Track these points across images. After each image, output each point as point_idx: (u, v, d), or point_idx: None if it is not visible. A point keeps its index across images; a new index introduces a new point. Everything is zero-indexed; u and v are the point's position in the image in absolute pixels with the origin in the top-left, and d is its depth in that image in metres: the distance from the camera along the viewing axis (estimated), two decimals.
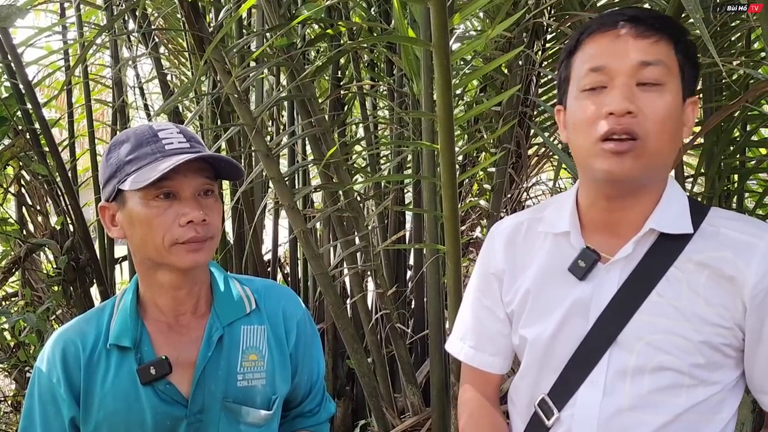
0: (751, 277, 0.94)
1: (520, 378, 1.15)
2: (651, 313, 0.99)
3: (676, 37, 0.96)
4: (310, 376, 1.27)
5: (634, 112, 0.92)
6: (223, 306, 1.16)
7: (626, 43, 0.94)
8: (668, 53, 0.94)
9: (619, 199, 1.02)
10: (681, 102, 0.96)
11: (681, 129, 0.97)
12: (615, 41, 0.96)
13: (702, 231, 1.00)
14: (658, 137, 0.93)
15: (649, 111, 0.92)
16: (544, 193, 3.44)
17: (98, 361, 1.10)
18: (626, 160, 0.93)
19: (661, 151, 0.94)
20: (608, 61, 0.95)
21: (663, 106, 0.93)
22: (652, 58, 0.93)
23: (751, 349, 0.97)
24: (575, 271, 1.05)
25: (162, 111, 2.93)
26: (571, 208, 1.09)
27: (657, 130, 0.92)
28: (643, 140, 0.92)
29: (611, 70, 0.95)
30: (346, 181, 2.45)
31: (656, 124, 0.92)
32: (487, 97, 2.87)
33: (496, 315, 1.18)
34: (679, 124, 0.96)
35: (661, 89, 0.93)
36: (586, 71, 0.97)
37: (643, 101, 0.92)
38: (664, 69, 0.93)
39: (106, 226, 1.11)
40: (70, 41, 3.57)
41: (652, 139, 0.92)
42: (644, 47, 0.93)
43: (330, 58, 2.61)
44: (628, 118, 0.92)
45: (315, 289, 3.19)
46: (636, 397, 0.98)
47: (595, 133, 0.95)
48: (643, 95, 0.93)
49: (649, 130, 0.92)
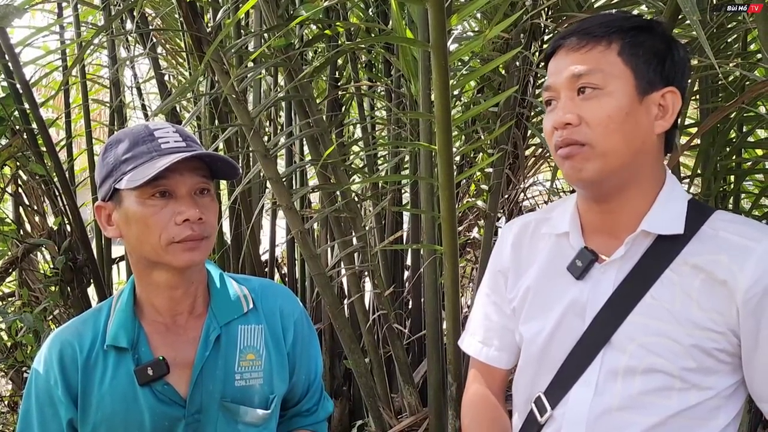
0: (744, 281, 0.93)
1: (519, 375, 1.17)
2: (644, 315, 0.99)
3: (618, 39, 0.98)
4: (307, 375, 1.27)
5: (573, 122, 0.98)
6: (220, 306, 1.16)
7: (564, 59, 1.01)
8: (605, 57, 0.98)
9: (604, 202, 1.04)
10: (634, 99, 0.97)
11: (638, 126, 0.98)
12: (557, 59, 1.03)
13: (701, 234, 1.00)
14: (603, 139, 0.97)
15: (590, 117, 0.97)
16: (541, 194, 3.44)
17: (95, 362, 1.10)
18: (576, 163, 0.99)
19: (612, 151, 0.97)
20: (552, 79, 1.03)
21: (602, 109, 0.97)
22: (583, 68, 0.98)
23: (748, 356, 0.96)
24: (573, 271, 1.06)
25: (160, 111, 2.92)
26: (573, 209, 1.11)
27: (600, 132, 0.96)
28: (589, 145, 0.97)
29: (555, 87, 1.02)
30: (344, 181, 2.46)
31: (598, 127, 0.96)
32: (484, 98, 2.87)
33: (502, 311, 1.21)
34: (633, 122, 0.97)
35: (599, 94, 0.97)
36: (543, 91, 1.06)
37: (583, 109, 0.98)
38: (600, 74, 0.97)
39: (102, 226, 1.10)
40: (67, 41, 3.57)
41: (597, 142, 0.97)
42: (576, 59, 0.99)
43: (328, 59, 2.62)
44: (570, 129, 0.98)
45: (312, 289, 3.20)
46: (626, 397, 0.99)
47: (552, 144, 1.03)
48: (584, 103, 0.98)
49: (592, 134, 0.97)
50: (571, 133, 0.98)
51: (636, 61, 0.98)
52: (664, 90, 0.99)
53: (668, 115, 1.00)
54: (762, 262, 0.93)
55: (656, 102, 0.99)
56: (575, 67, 0.99)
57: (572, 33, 1.02)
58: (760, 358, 0.95)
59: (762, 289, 0.93)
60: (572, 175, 1.00)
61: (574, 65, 0.99)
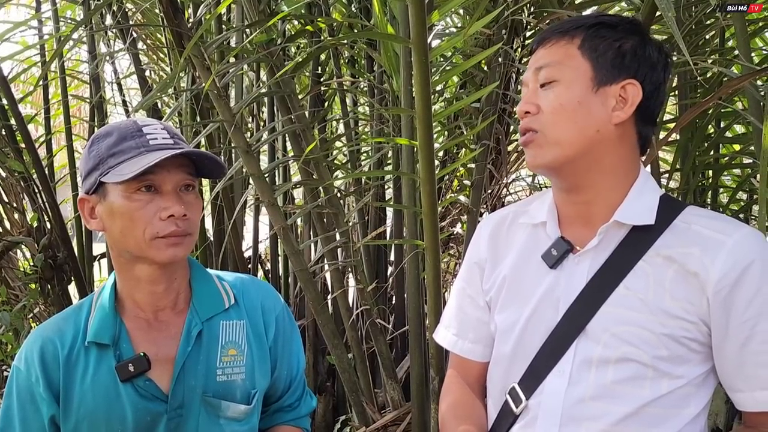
0: (714, 273, 0.96)
1: (493, 366, 1.18)
2: (618, 305, 1.01)
3: (580, 33, 1.03)
4: (289, 370, 1.27)
5: (531, 111, 1.04)
6: (201, 301, 1.16)
7: (534, 56, 1.08)
8: (566, 51, 1.03)
9: (574, 191, 1.07)
10: (588, 89, 1.01)
11: (591, 115, 1.01)
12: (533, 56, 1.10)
13: (674, 227, 1.02)
14: (554, 126, 1.02)
15: (545, 105, 1.03)
16: (523, 189, 3.46)
17: (77, 359, 1.10)
18: (532, 150, 1.05)
19: (564, 138, 1.02)
20: (525, 75, 1.10)
21: (555, 98, 1.02)
22: (544, 62, 1.05)
23: (719, 346, 0.99)
24: (547, 259, 1.08)
25: (141, 107, 2.90)
26: (550, 201, 1.13)
27: (551, 120, 1.02)
28: (541, 131, 1.03)
29: (525, 81, 1.09)
30: (327, 177, 2.46)
31: (550, 115, 1.02)
32: (466, 94, 2.88)
33: (477, 303, 1.21)
34: (585, 110, 1.01)
35: (555, 85, 1.03)
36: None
37: (542, 99, 1.04)
38: (558, 66, 1.03)
39: (85, 219, 1.11)
40: (45, 36, 3.53)
41: (548, 129, 1.03)
42: (542, 54, 1.06)
43: (310, 55, 2.61)
44: (528, 117, 1.05)
45: (295, 285, 3.19)
46: (600, 387, 1.00)
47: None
48: (543, 93, 1.04)
49: (545, 121, 1.03)
50: (529, 122, 1.05)
51: (595, 54, 1.02)
52: (624, 82, 1.02)
53: (627, 106, 1.02)
54: (732, 255, 0.96)
55: (615, 94, 1.02)
56: (539, 61, 1.06)
57: (545, 32, 1.09)
58: (729, 348, 0.98)
59: (732, 282, 0.95)
60: (530, 162, 1.06)
61: (539, 60, 1.06)
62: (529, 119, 1.05)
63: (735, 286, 0.95)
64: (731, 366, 0.99)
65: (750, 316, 0.95)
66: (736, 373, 0.99)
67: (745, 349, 0.97)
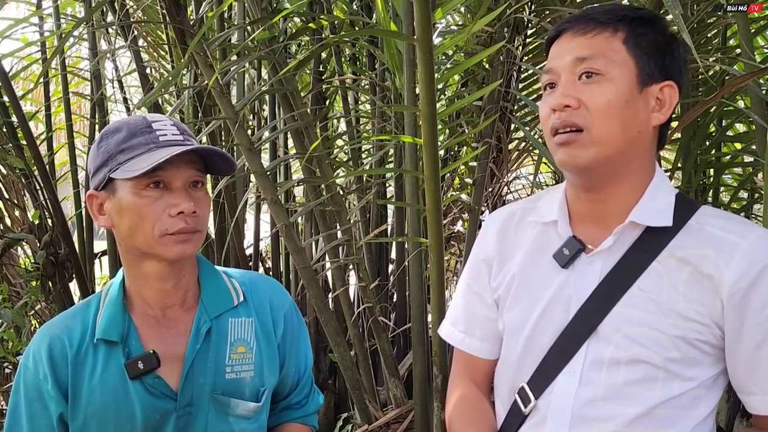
0: (729, 275, 0.95)
1: (501, 365, 1.17)
2: (630, 305, 1.00)
3: (624, 27, 0.99)
4: (297, 367, 1.27)
5: (572, 105, 0.98)
6: (210, 299, 1.16)
7: (568, 43, 1.01)
8: (610, 44, 0.99)
9: (594, 191, 1.05)
10: (634, 88, 0.98)
11: (636, 116, 0.99)
12: (560, 43, 1.03)
13: (688, 227, 1.01)
14: (602, 125, 0.97)
15: (590, 101, 0.97)
16: (524, 187, 3.47)
17: (85, 356, 1.09)
18: (573, 150, 0.99)
19: (609, 139, 0.97)
20: (554, 62, 1.03)
21: (602, 95, 0.97)
22: (587, 53, 0.99)
23: (732, 349, 0.98)
24: (559, 259, 1.07)
25: (142, 104, 2.90)
26: (561, 198, 1.11)
27: (599, 117, 0.97)
28: (587, 130, 0.97)
29: (556, 70, 1.02)
30: (329, 175, 2.46)
31: (598, 112, 0.97)
32: (468, 92, 2.88)
33: (484, 301, 1.20)
34: (631, 110, 0.98)
35: (601, 79, 0.98)
36: (543, 74, 1.05)
37: (585, 93, 0.98)
38: (603, 60, 0.98)
39: (93, 215, 1.10)
40: (47, 33, 3.52)
41: (595, 128, 0.97)
42: (581, 43, 1.00)
43: (312, 52, 2.61)
44: (568, 112, 0.98)
45: (297, 282, 3.19)
46: (610, 387, 1.00)
47: (548, 128, 1.02)
48: (585, 88, 0.98)
49: (592, 119, 0.97)
50: (569, 116, 0.98)
51: (639, 51, 0.99)
52: (663, 83, 1.00)
53: (665, 108, 1.01)
54: (747, 257, 0.95)
55: (654, 94, 1.00)
56: (580, 50, 0.99)
57: (577, 18, 1.03)
58: (742, 351, 0.97)
59: (746, 284, 0.95)
60: (566, 161, 1.00)
61: (578, 49, 0.99)
62: (569, 114, 0.98)
63: (750, 289, 0.94)
64: (744, 369, 0.99)
65: (764, 319, 0.95)
66: (749, 376, 0.99)
67: (759, 352, 0.96)
